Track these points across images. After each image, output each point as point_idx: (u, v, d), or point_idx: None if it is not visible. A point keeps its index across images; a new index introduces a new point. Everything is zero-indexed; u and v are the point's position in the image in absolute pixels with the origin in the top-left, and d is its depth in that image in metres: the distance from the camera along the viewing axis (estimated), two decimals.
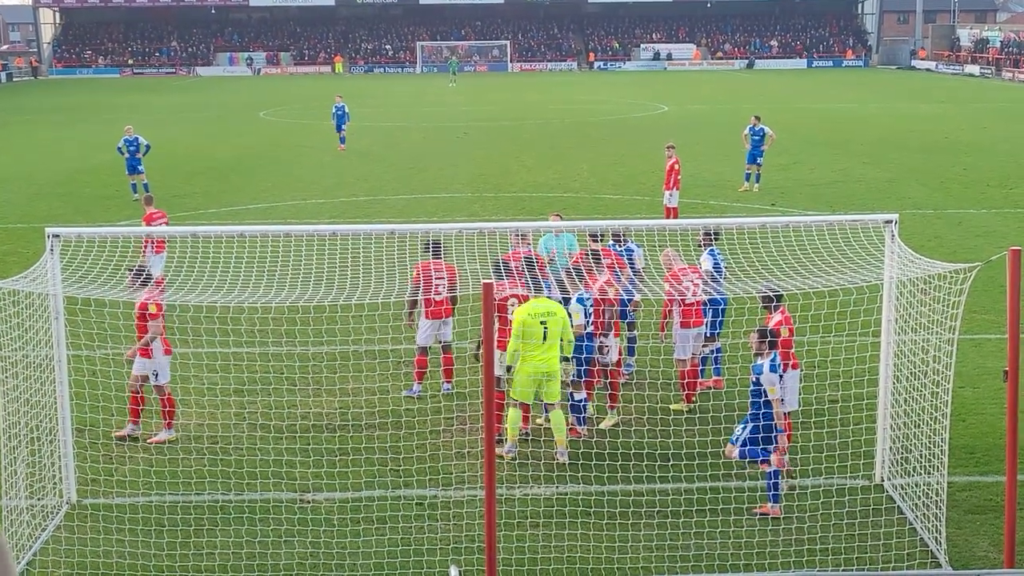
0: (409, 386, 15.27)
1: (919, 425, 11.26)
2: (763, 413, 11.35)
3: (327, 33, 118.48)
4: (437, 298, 15.04)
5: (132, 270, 13.86)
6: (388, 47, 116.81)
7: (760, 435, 11.38)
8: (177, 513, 11.74)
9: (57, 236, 12.22)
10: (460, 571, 10.33)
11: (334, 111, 45.11)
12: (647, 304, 16.09)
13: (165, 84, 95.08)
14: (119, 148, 32.82)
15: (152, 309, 13.61)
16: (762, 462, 11.46)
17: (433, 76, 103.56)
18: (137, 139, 32.44)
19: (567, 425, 13.48)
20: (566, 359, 13.34)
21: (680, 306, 14.31)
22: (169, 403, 13.77)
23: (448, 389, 15.27)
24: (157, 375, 13.69)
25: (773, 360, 11.36)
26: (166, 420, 13.74)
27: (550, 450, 13.20)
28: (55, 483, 12.02)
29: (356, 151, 43.78)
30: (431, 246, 14.83)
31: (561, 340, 13.08)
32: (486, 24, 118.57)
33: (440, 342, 15.42)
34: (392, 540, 11.20)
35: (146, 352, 13.68)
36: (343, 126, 44.63)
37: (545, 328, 12.88)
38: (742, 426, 11.64)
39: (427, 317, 15.21)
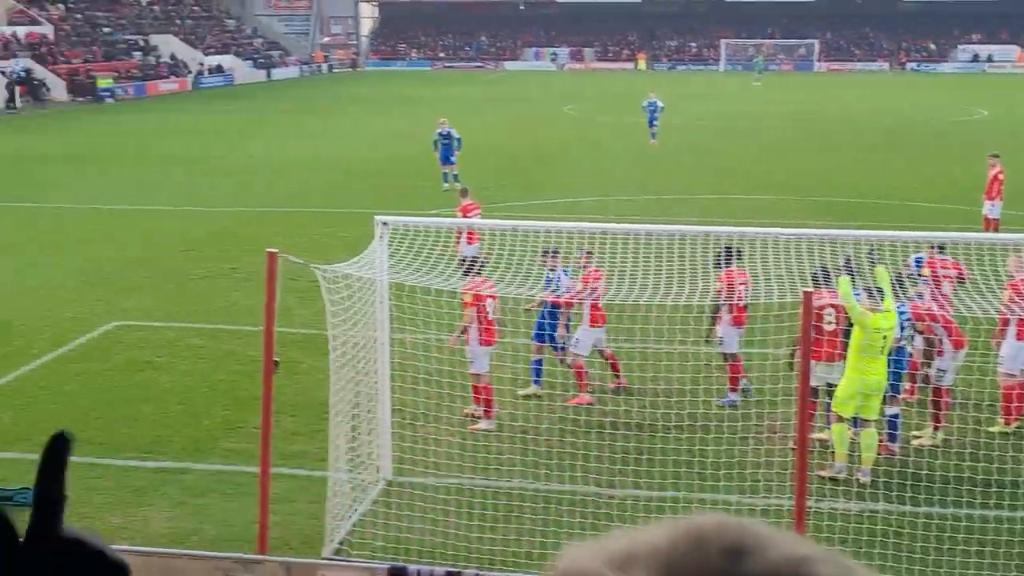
0: (723, 394, 15.14)
1: None
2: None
3: (631, 29, 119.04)
4: (741, 304, 14.92)
5: (465, 259, 14.41)
6: (692, 44, 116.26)
7: None
8: (487, 497, 12.08)
9: (386, 224, 12.82)
10: None
11: (645, 106, 45.43)
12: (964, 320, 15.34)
13: (473, 77, 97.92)
14: (434, 141, 34.12)
15: (466, 298, 14.12)
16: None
17: (736, 74, 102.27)
18: (450, 132, 33.68)
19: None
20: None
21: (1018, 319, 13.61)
22: (485, 392, 14.25)
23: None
24: (472, 362, 14.24)
25: None
26: (485, 409, 14.22)
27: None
28: (371, 459, 12.62)
29: (660, 149, 43.81)
30: (728, 254, 14.73)
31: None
32: (793, 22, 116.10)
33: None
34: None
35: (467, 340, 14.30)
36: (655, 121, 44.92)
37: (884, 343, 12.50)
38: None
39: (732, 324, 15.08)
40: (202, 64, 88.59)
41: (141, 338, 18.72)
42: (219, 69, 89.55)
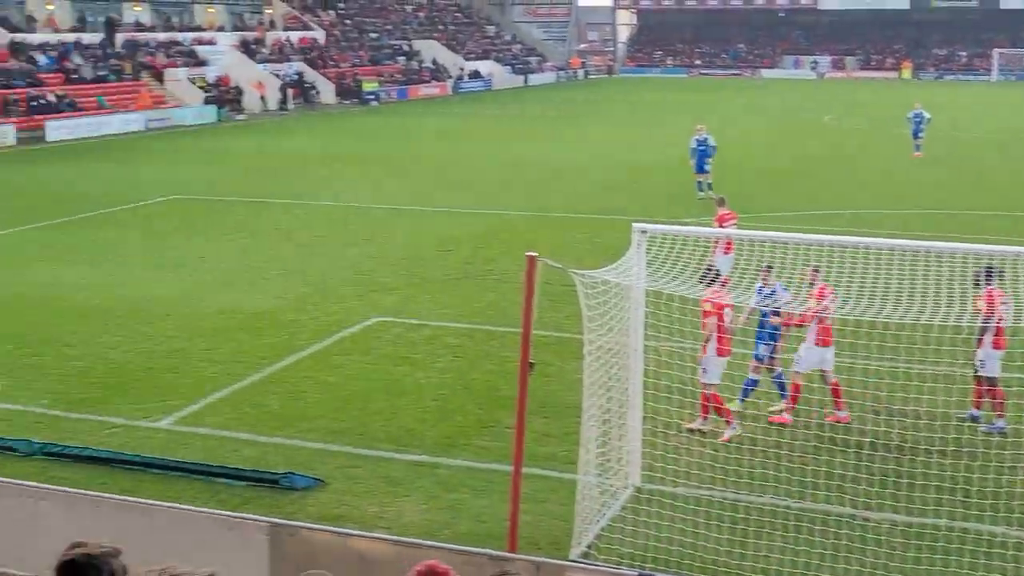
0: (990, 420, 14.49)
1: None
2: None
3: (897, 38, 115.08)
4: (1001, 327, 14.27)
5: (705, 268, 14.26)
6: (962, 53, 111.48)
7: None
8: (737, 511, 11.91)
9: (644, 231, 12.81)
10: None
11: (911, 117, 43.91)
12: None
13: (729, 85, 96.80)
14: (691, 148, 33.92)
15: (707, 307, 14.01)
16: None
17: (1010, 85, 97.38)
18: (707, 139, 33.43)
19: None
20: None
21: None
22: (714, 400, 14.13)
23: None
24: (705, 371, 14.12)
25: None
26: (726, 420, 14.09)
27: None
28: (620, 465, 12.63)
29: (924, 161, 42.20)
30: (989, 273, 14.06)
31: None
32: None
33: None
34: (956, 573, 10.68)
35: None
36: (920, 133, 43.33)
37: None
38: None
39: (994, 348, 14.43)
40: (462, 69, 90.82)
41: (399, 335, 19.34)
42: (476, 74, 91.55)
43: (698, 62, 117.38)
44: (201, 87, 65.30)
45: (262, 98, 68.31)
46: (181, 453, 14.02)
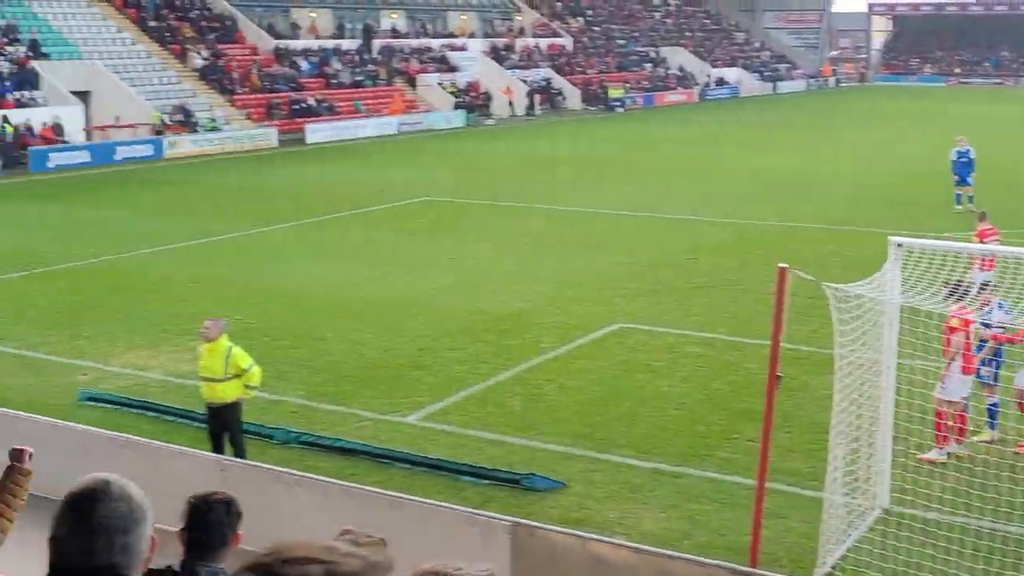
0: None
1: None
2: None
3: None
4: None
5: (949, 283, 13.66)
6: None
7: None
8: (994, 541, 11.33)
9: (900, 245, 12.38)
10: None
11: None
12: None
13: (991, 95, 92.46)
14: (952, 160, 32.60)
15: (954, 323, 13.43)
16: None
17: None
18: (968, 150, 32.05)
19: None
20: None
21: None
22: (958, 420, 13.57)
23: None
24: (944, 388, 13.54)
25: None
26: (941, 433, 13.54)
27: None
28: (868, 485, 12.24)
29: None
30: None
31: None
32: None
33: None
34: None
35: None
36: None
37: None
38: None
39: None
40: (708, 76, 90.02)
41: (642, 341, 19.31)
42: (723, 82, 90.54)
43: (957, 70, 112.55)
44: (451, 92, 66.91)
45: (510, 103, 69.45)
46: (427, 449, 14.40)
